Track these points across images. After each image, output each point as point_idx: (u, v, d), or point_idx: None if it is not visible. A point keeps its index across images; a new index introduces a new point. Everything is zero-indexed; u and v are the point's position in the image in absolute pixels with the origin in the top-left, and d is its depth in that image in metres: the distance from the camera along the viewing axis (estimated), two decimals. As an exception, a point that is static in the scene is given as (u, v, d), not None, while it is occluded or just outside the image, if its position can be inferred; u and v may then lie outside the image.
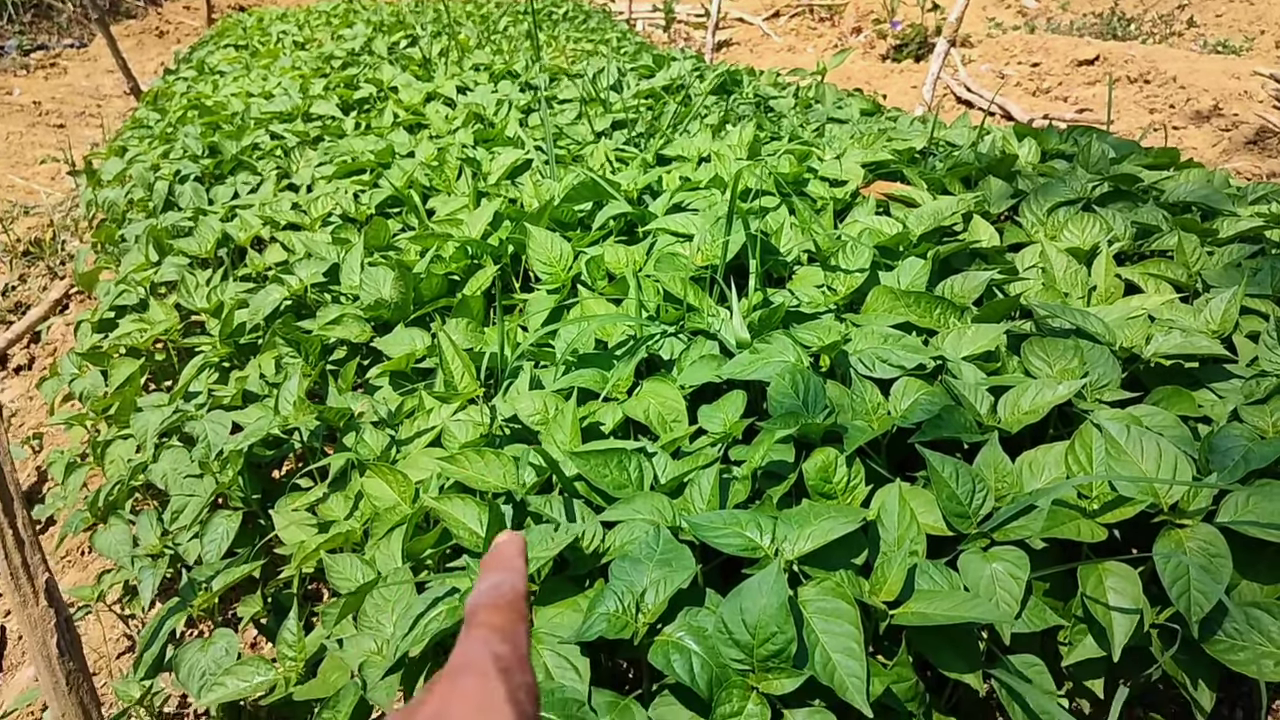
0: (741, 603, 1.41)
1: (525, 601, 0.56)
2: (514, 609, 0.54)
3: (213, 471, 2.20)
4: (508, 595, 0.55)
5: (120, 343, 2.87)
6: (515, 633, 0.52)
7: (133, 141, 5.01)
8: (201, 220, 3.38)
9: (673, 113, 3.99)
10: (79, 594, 2.23)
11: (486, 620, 0.52)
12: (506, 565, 0.59)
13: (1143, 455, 1.64)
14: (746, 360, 1.96)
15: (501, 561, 0.59)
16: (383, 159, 3.72)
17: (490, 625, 0.52)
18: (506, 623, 0.52)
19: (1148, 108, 6.36)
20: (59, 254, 4.99)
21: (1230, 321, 2.07)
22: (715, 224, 2.47)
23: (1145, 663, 1.65)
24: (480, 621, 0.52)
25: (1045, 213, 2.63)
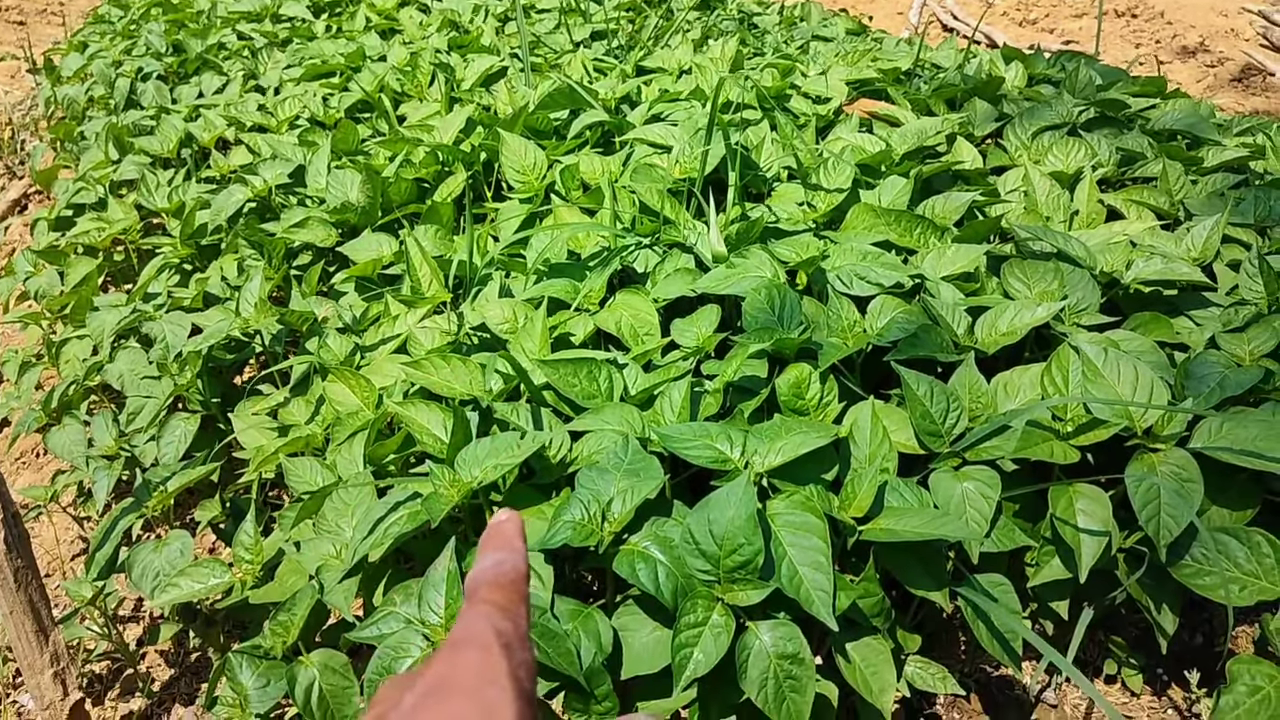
0: (709, 513, 1.38)
1: (526, 582, 0.56)
2: (515, 588, 0.54)
3: (171, 373, 2.14)
4: (509, 574, 0.55)
5: (78, 241, 2.79)
6: (517, 611, 0.52)
7: (94, 37, 4.84)
8: (164, 119, 3.27)
9: (654, 26, 3.89)
10: (32, 494, 2.18)
11: (488, 597, 0.53)
12: (507, 544, 0.58)
13: (1119, 379, 1.61)
14: (722, 274, 1.92)
15: (502, 540, 0.59)
16: (353, 62, 3.61)
17: (492, 602, 0.52)
18: (508, 601, 0.52)
19: (1134, 42, 6.28)
20: (17, 154, 4.84)
21: (1211, 249, 2.04)
22: (694, 136, 2.40)
23: (1111, 586, 1.65)
24: (482, 598, 0.53)
25: (1030, 136, 2.58)
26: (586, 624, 1.39)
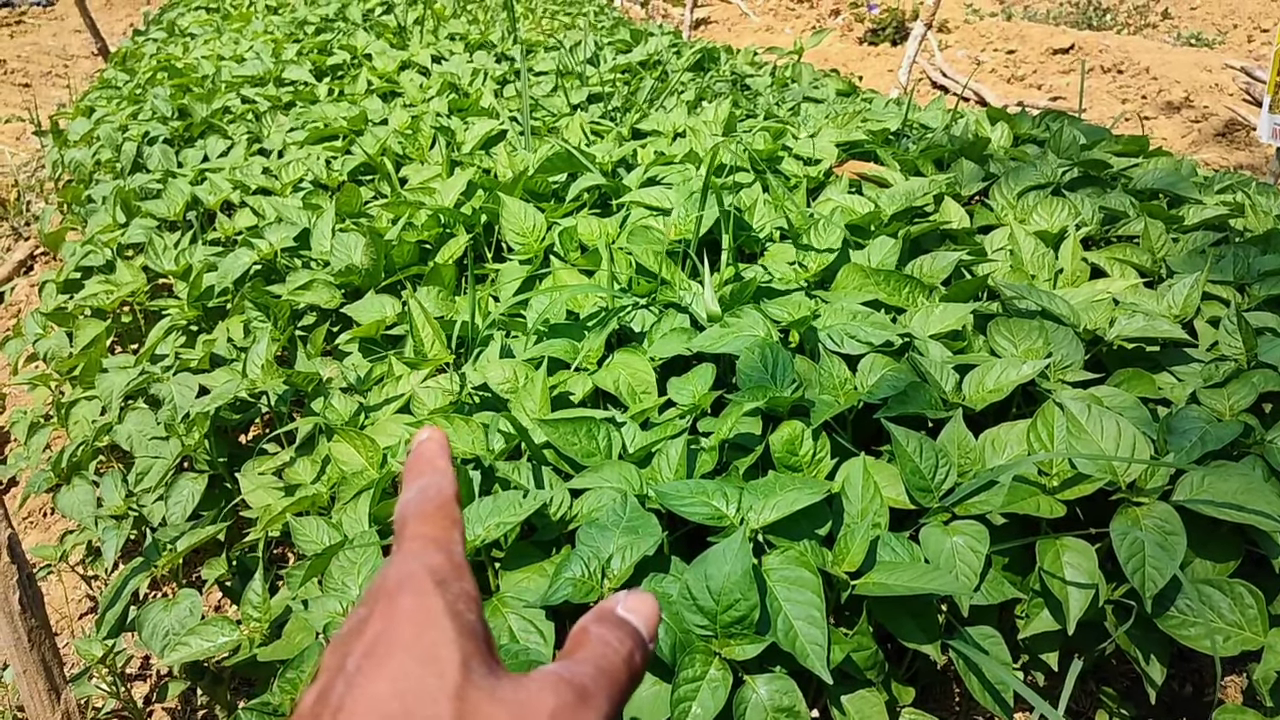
0: (706, 569, 1.42)
1: (455, 503, 0.53)
2: (444, 513, 0.51)
3: (179, 433, 2.19)
4: (435, 500, 0.52)
5: (86, 304, 2.85)
6: (448, 540, 0.49)
7: (100, 102, 4.94)
8: (170, 182, 3.35)
9: (649, 88, 3.98)
10: (41, 553, 2.22)
11: (416, 531, 0.50)
12: (430, 467, 0.55)
13: (1103, 434, 1.66)
14: (717, 334, 1.98)
15: (424, 464, 0.55)
16: (355, 126, 3.70)
17: (421, 536, 0.49)
18: (437, 530, 0.50)
19: (1120, 97, 6.42)
20: (23, 215, 4.92)
21: (1192, 306, 2.10)
22: (689, 198, 2.47)
23: (1100, 637, 1.68)
24: (410, 534, 0.50)
25: (1015, 196, 2.65)
26: (587, 679, 1.43)
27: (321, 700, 0.42)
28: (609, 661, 0.46)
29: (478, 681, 0.41)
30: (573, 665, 0.45)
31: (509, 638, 1.46)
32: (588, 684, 0.44)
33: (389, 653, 0.42)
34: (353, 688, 0.41)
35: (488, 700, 0.41)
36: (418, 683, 0.40)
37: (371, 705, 0.39)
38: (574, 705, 0.42)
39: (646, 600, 0.51)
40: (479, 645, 0.43)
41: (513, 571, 1.59)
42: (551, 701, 0.42)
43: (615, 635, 0.48)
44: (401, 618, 0.43)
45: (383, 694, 0.40)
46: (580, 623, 0.49)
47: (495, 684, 0.42)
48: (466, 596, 0.46)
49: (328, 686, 0.42)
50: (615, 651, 0.47)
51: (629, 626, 0.49)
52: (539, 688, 0.42)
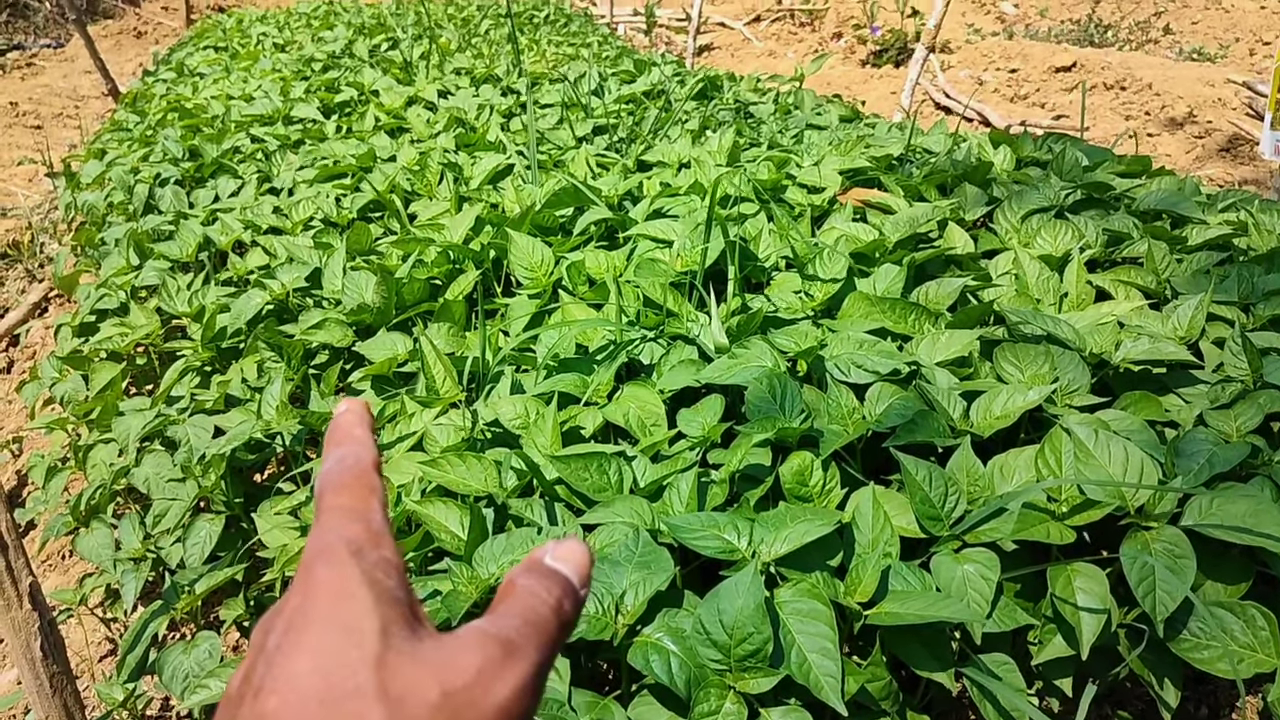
0: (719, 604, 1.44)
1: (375, 471, 0.52)
2: (361, 482, 0.50)
3: (195, 475, 2.22)
4: (353, 469, 0.51)
5: (101, 347, 2.88)
6: (366, 509, 0.48)
7: (112, 144, 5.00)
8: (182, 224, 3.39)
9: (654, 118, 4.02)
10: (61, 597, 2.24)
11: (333, 503, 0.49)
12: (348, 437, 0.54)
13: (1110, 459, 1.67)
14: (725, 365, 1.99)
15: (342, 434, 0.54)
16: (364, 163, 3.74)
17: (337, 507, 0.48)
18: (354, 499, 0.49)
19: (1123, 114, 6.44)
20: (37, 257, 4.98)
21: (1197, 328, 2.11)
22: (695, 230, 2.50)
23: (1113, 661, 1.69)
24: (327, 505, 0.49)
25: (1019, 220, 2.67)
26: (603, 715, 1.44)
27: (245, 681, 0.42)
28: (536, 612, 0.45)
29: (398, 646, 0.41)
30: (498, 619, 0.44)
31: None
32: (513, 636, 0.43)
33: (306, 627, 0.41)
34: (272, 666, 0.40)
35: (410, 664, 0.40)
36: (337, 655, 0.40)
37: (291, 683, 0.39)
38: (500, 660, 0.42)
39: (576, 548, 0.50)
40: (399, 610, 0.43)
41: None
42: (476, 658, 0.41)
43: (543, 585, 0.47)
44: (318, 591, 0.43)
45: (302, 670, 0.40)
46: (508, 575, 0.48)
47: (417, 646, 0.42)
48: (385, 564, 0.45)
49: (250, 667, 0.42)
50: (543, 602, 0.46)
51: (558, 575, 0.48)
52: (462, 645, 0.42)
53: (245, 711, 0.40)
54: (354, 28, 7.54)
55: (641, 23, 10.48)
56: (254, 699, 0.40)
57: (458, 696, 0.40)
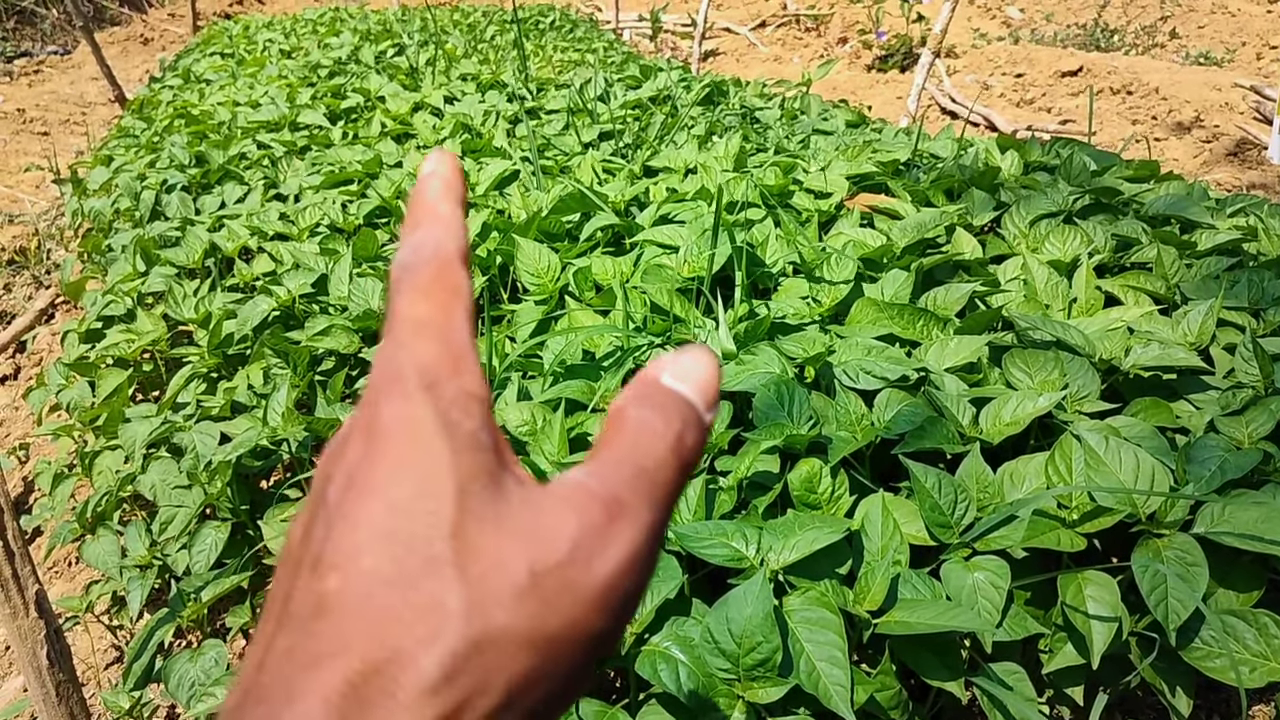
0: (727, 612, 1.43)
1: (461, 265, 0.41)
2: (441, 282, 0.39)
3: (201, 482, 2.21)
4: (432, 263, 0.40)
5: (108, 353, 2.88)
6: (446, 321, 0.38)
7: (119, 150, 5.01)
8: (189, 230, 3.39)
9: (660, 124, 4.02)
10: (67, 604, 2.23)
11: (405, 312, 0.39)
12: (429, 215, 0.42)
13: (1121, 466, 1.66)
14: (732, 371, 1.99)
15: (424, 211, 0.42)
16: (370, 169, 3.74)
17: (410, 320, 0.38)
18: (432, 307, 0.39)
19: (1130, 119, 6.43)
20: (44, 263, 4.98)
21: (1207, 334, 2.10)
22: (701, 236, 2.49)
23: (1124, 670, 1.68)
24: (398, 315, 0.39)
25: (1027, 225, 2.66)
26: (612, 724, 1.43)
27: (304, 541, 0.36)
28: (651, 455, 0.36)
29: (480, 510, 0.34)
30: (603, 467, 0.36)
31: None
32: (621, 493, 0.35)
33: (369, 485, 0.35)
34: (333, 530, 0.34)
35: (493, 533, 0.34)
36: (407, 525, 0.33)
37: (354, 557, 0.33)
38: (603, 526, 0.34)
39: (700, 359, 0.39)
40: (482, 460, 0.35)
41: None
42: (573, 525, 0.34)
43: (660, 416, 0.37)
44: (384, 437, 0.36)
45: (366, 541, 0.33)
46: (616, 403, 0.38)
47: (502, 509, 0.34)
48: (465, 398, 0.37)
49: (310, 523, 0.36)
50: (659, 437, 0.36)
51: (678, 400, 0.38)
52: (557, 508, 0.35)
53: (304, 585, 0.34)
54: (360, 34, 7.55)
55: (647, 28, 10.49)
56: (312, 571, 0.34)
57: (550, 577, 0.33)
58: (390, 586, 0.32)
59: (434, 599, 0.32)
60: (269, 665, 0.33)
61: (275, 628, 0.34)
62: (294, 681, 0.31)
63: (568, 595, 0.33)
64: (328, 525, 0.35)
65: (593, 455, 0.37)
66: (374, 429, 0.36)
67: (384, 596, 0.32)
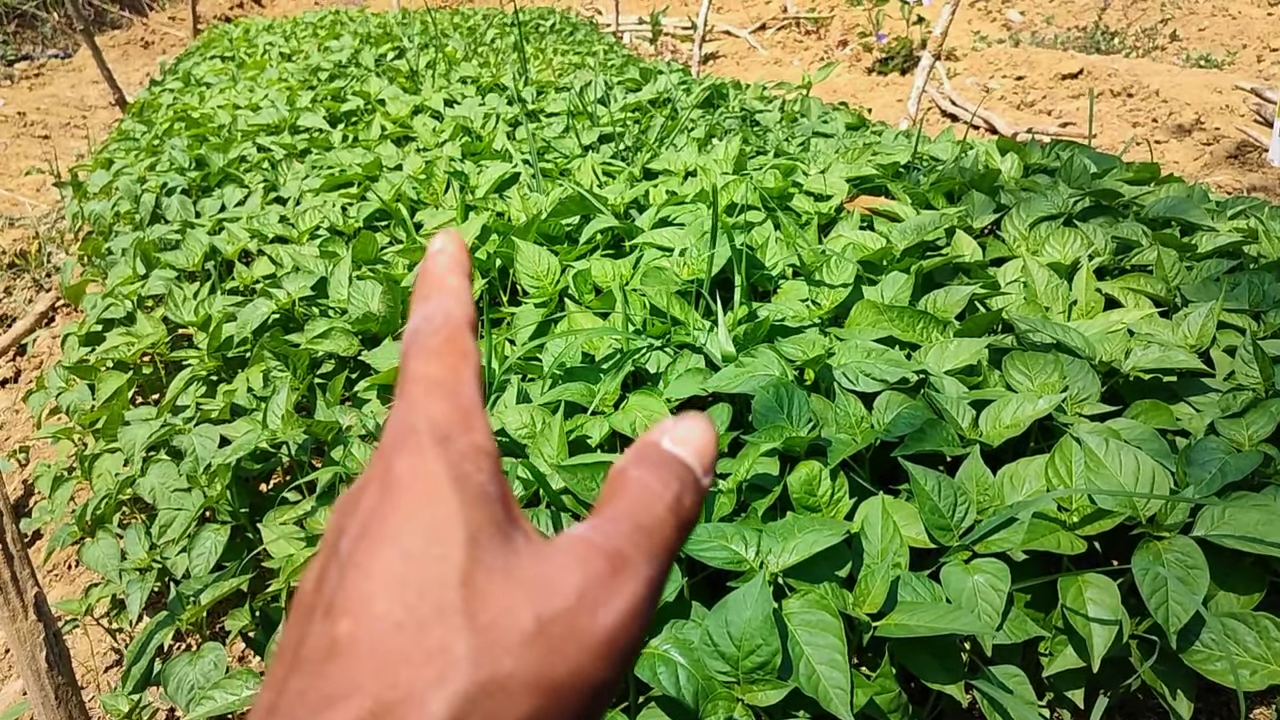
0: (727, 615, 1.43)
1: (469, 332, 0.43)
2: (451, 346, 0.42)
3: (201, 485, 2.21)
4: (441, 330, 0.42)
5: (107, 356, 2.88)
6: (456, 381, 0.40)
7: (119, 153, 5.01)
8: (189, 233, 3.39)
9: (659, 126, 4.02)
10: (66, 608, 2.23)
11: (417, 372, 0.41)
12: (438, 288, 0.44)
13: (1121, 468, 1.66)
14: (732, 374, 1.99)
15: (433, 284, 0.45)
16: (370, 172, 3.74)
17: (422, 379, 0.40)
18: (442, 369, 0.41)
19: (1130, 121, 6.43)
20: (44, 266, 4.98)
21: (1208, 336, 2.10)
22: (701, 238, 2.49)
23: (1125, 673, 1.67)
24: (410, 375, 0.41)
25: (1027, 227, 2.66)
26: (611, 727, 1.43)
27: (318, 587, 0.37)
28: (650, 513, 0.37)
29: (489, 561, 0.35)
30: (605, 524, 0.37)
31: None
32: (623, 547, 0.36)
33: (382, 535, 0.36)
34: (345, 578, 0.35)
35: (501, 583, 0.34)
36: (418, 572, 0.34)
37: (366, 604, 0.34)
38: (607, 578, 0.35)
39: (699, 426, 0.41)
40: (491, 512, 0.37)
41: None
42: (578, 576, 0.35)
43: (658, 477, 0.38)
44: (397, 489, 0.37)
45: (379, 589, 0.34)
46: (617, 465, 0.40)
47: (511, 560, 0.35)
48: (475, 451, 0.38)
49: (324, 570, 0.37)
50: (658, 498, 0.38)
51: (676, 463, 0.39)
52: (563, 560, 0.36)
53: (317, 629, 0.35)
54: (360, 37, 7.55)
55: (647, 31, 10.50)
56: (325, 616, 0.35)
57: (556, 625, 0.34)
58: (401, 631, 0.33)
59: (443, 644, 0.33)
60: (281, 707, 0.34)
61: (287, 671, 0.35)
62: None
63: (573, 643, 0.34)
64: (340, 573, 0.36)
65: (595, 513, 0.38)
66: (388, 481, 0.37)
67: (395, 640, 0.33)
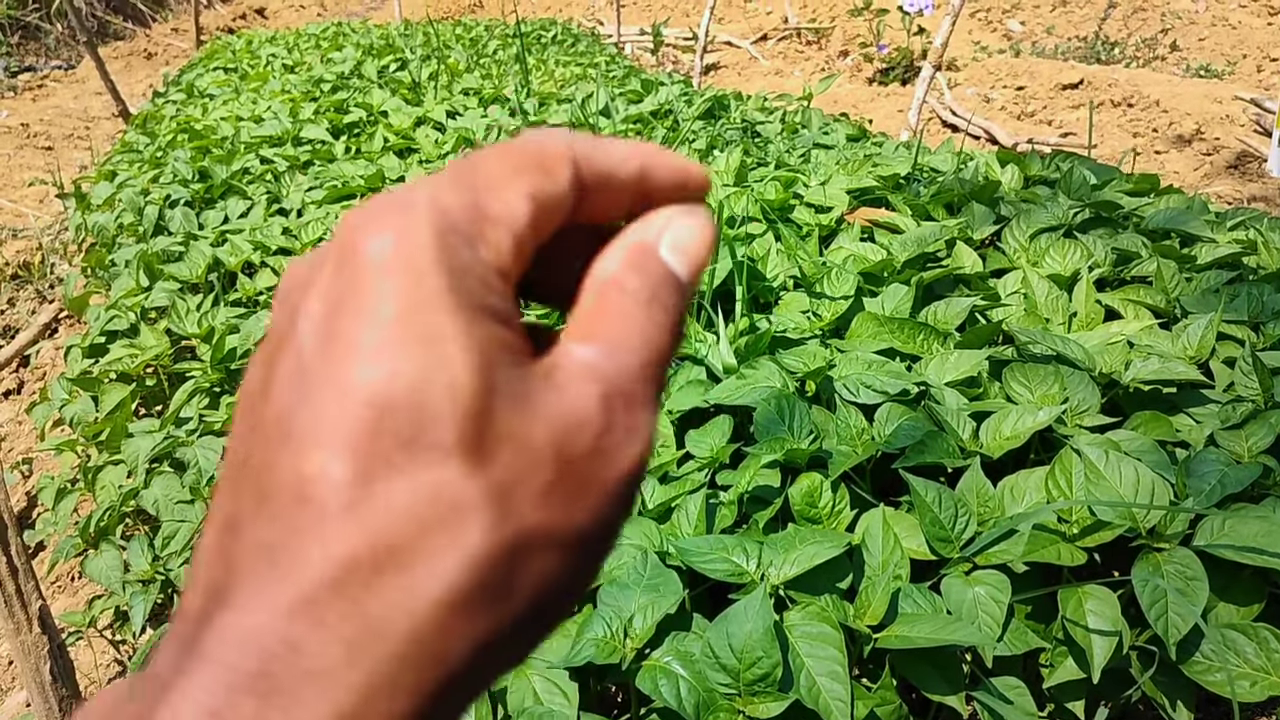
0: (728, 627, 1.43)
1: (565, 166, 0.33)
2: (527, 161, 0.32)
3: (204, 497, 2.22)
4: (529, 146, 0.33)
5: (111, 368, 2.89)
6: (496, 183, 0.31)
7: (122, 165, 5.03)
8: (192, 245, 3.41)
9: (661, 138, 4.03)
10: (70, 619, 2.24)
11: (459, 169, 0.32)
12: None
13: (1121, 480, 1.67)
14: (733, 386, 1.99)
15: None
16: (373, 184, 3.75)
17: (453, 169, 0.32)
18: (488, 172, 0.32)
19: (1131, 131, 6.43)
20: (48, 278, 5.00)
21: (1207, 347, 2.11)
22: (702, 250, 2.50)
23: (1125, 684, 1.68)
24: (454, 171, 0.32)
25: (1027, 239, 2.67)
26: (613, 739, 1.44)
27: (265, 393, 0.29)
28: (657, 345, 0.32)
29: (505, 387, 0.28)
30: (617, 354, 0.31)
31: (533, 699, 1.47)
32: (636, 386, 0.31)
33: (358, 328, 0.28)
34: (311, 396, 0.28)
35: (520, 414, 0.28)
36: (417, 397, 0.27)
37: (346, 441, 0.27)
38: (625, 417, 0.30)
39: (699, 227, 0.35)
40: (499, 331, 0.29)
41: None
42: (599, 419, 0.30)
43: (661, 302, 0.33)
44: (368, 280, 0.28)
45: (359, 414, 0.27)
46: (608, 266, 0.33)
47: (532, 388, 0.29)
48: (485, 271, 0.30)
49: (272, 366, 0.30)
50: (662, 329, 0.32)
51: (677, 283, 0.33)
52: (582, 392, 0.30)
53: (278, 460, 0.28)
54: (363, 49, 7.58)
55: (649, 42, 10.53)
56: (284, 443, 0.28)
57: (580, 467, 0.29)
58: (399, 474, 0.27)
59: (454, 492, 0.27)
60: (242, 557, 0.27)
61: (247, 507, 0.28)
62: (278, 587, 0.26)
63: (595, 488, 0.29)
64: (303, 382, 0.28)
65: (594, 329, 0.32)
66: (355, 267, 0.29)
67: (389, 490, 0.26)
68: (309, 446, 0.27)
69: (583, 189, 0.33)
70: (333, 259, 0.30)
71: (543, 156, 0.32)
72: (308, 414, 0.27)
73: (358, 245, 0.29)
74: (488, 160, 0.32)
